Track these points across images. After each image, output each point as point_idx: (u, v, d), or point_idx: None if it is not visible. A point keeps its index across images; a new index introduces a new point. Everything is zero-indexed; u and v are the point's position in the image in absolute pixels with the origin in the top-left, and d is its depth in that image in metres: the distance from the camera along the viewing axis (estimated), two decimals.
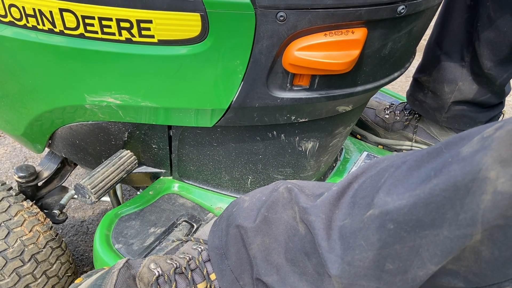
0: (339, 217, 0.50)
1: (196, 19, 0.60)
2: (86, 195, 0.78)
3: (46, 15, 0.64)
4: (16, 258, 0.86)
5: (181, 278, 0.60)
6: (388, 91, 1.48)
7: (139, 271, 0.59)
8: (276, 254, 0.55)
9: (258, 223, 0.57)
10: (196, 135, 0.82)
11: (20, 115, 0.85)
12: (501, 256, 0.40)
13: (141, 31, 0.62)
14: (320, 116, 0.79)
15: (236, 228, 0.59)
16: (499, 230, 0.39)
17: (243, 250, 0.58)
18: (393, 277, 0.45)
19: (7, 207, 0.89)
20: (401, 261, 0.44)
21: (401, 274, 0.45)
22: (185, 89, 0.69)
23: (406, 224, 0.43)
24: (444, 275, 0.44)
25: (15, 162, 1.62)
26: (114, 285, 0.57)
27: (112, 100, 0.72)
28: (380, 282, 0.46)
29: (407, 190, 0.44)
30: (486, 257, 0.41)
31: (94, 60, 0.67)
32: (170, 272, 0.59)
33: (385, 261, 0.45)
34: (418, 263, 0.43)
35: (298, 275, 0.53)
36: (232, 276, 0.58)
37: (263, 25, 0.60)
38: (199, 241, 0.65)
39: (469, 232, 0.40)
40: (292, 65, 0.65)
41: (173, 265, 0.60)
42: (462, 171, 0.40)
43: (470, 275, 0.43)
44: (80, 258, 1.27)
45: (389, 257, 0.45)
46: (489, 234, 0.39)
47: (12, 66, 0.75)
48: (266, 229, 0.56)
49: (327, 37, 0.63)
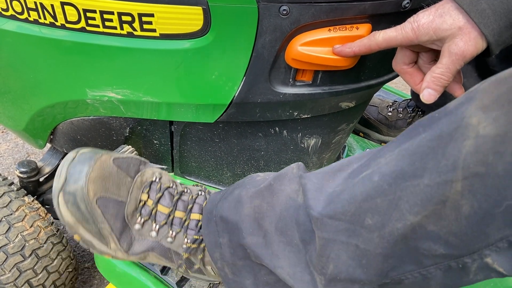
0: (331, 185, 0.51)
1: (198, 12, 0.59)
2: None
3: (48, 9, 0.63)
4: (17, 253, 0.86)
5: (169, 196, 0.62)
6: (391, 89, 1.47)
7: (145, 170, 0.63)
8: (268, 221, 0.55)
9: (262, 188, 0.58)
10: (198, 131, 0.82)
11: (22, 110, 0.84)
12: (480, 209, 0.40)
13: (143, 25, 0.62)
14: (323, 112, 0.78)
15: (239, 188, 0.60)
16: (478, 180, 0.39)
17: (234, 210, 0.58)
18: (371, 233, 0.46)
19: (8, 202, 0.89)
20: (380, 215, 0.45)
21: (379, 229, 0.45)
22: (187, 83, 0.68)
23: (389, 176, 0.44)
24: (425, 239, 0.43)
25: (18, 158, 1.62)
26: (119, 157, 0.61)
27: (113, 95, 0.72)
28: (359, 238, 0.47)
29: (397, 147, 0.46)
30: (466, 212, 0.40)
31: (95, 54, 0.67)
32: (164, 185, 0.63)
33: (365, 216, 0.46)
34: (397, 216, 0.44)
35: (283, 244, 0.53)
36: (215, 229, 0.59)
37: (265, 19, 0.59)
38: (206, 191, 0.67)
39: (450, 178, 0.40)
40: (295, 60, 0.64)
41: (171, 184, 0.64)
42: (447, 122, 0.42)
43: (451, 237, 0.42)
44: (81, 254, 1.27)
45: (369, 211, 0.45)
46: (469, 184, 0.39)
47: (13, 61, 0.75)
48: (267, 196, 0.57)
49: (331, 32, 0.62)
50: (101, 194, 0.57)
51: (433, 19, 0.54)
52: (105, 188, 0.58)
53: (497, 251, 0.41)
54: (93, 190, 0.57)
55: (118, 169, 0.60)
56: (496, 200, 0.39)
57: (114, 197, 0.59)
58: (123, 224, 0.60)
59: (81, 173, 0.56)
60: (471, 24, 0.52)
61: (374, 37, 0.59)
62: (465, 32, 0.53)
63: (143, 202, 0.61)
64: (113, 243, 0.60)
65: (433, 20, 0.54)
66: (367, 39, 0.60)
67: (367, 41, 0.60)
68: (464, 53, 0.54)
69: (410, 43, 0.57)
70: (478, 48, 0.53)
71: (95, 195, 0.57)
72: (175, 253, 0.61)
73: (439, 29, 0.54)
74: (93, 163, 0.57)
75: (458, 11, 0.53)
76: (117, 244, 0.60)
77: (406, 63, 0.64)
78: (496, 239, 0.41)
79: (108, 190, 0.58)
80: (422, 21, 0.55)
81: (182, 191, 0.64)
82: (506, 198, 0.38)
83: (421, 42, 0.57)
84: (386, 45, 0.59)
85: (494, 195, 0.39)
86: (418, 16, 0.56)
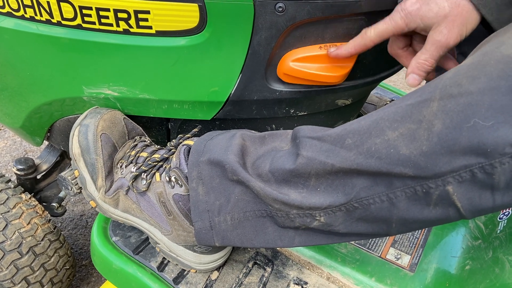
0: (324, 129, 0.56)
1: (194, 9, 0.59)
2: (69, 187, 0.78)
3: (44, 6, 0.63)
4: (14, 251, 0.86)
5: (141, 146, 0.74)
6: (388, 87, 1.48)
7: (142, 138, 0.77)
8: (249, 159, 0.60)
9: (256, 136, 0.63)
10: (195, 128, 0.82)
11: (19, 107, 0.84)
12: (451, 123, 0.43)
13: (139, 22, 0.62)
14: (319, 109, 0.78)
15: (236, 130, 0.66)
16: (452, 100, 0.43)
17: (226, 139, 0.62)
18: (349, 152, 0.50)
19: (5, 199, 0.89)
20: (360, 135, 0.49)
21: (357, 147, 0.49)
22: (183, 81, 0.68)
23: (382, 109, 0.49)
24: (396, 164, 0.46)
25: (15, 156, 1.62)
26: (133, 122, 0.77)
27: (109, 92, 0.72)
28: (336, 158, 0.50)
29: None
30: (438, 129, 0.43)
31: (91, 52, 0.67)
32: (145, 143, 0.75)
33: (346, 136, 0.50)
34: (376, 132, 0.48)
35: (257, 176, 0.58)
36: (201, 149, 0.63)
37: (261, 16, 0.59)
38: None
39: (429, 97, 0.45)
40: (287, 75, 0.66)
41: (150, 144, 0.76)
42: None
43: (421, 158, 0.45)
44: (79, 252, 1.27)
45: (351, 132, 0.50)
46: (443, 104, 0.43)
47: (10, 58, 0.75)
48: (257, 142, 0.62)
49: (322, 50, 0.65)
50: (106, 131, 0.72)
51: (420, 7, 0.56)
52: (111, 130, 0.73)
53: (459, 182, 0.44)
54: (102, 126, 0.72)
55: (124, 125, 0.75)
56: (467, 115, 0.42)
57: (113, 140, 0.73)
58: (111, 166, 0.73)
59: (98, 114, 0.73)
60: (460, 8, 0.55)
61: (366, 34, 0.61)
62: (449, 20, 0.55)
63: (128, 154, 0.73)
64: (100, 179, 0.73)
65: (420, 8, 0.56)
66: (360, 38, 0.62)
67: (360, 40, 0.62)
68: (447, 41, 0.56)
69: (401, 31, 0.59)
70: (462, 34, 0.56)
71: (102, 130, 0.72)
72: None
73: (425, 17, 0.56)
74: (109, 111, 0.74)
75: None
76: (103, 181, 0.72)
77: (401, 47, 0.66)
78: (460, 166, 0.43)
79: (112, 132, 0.73)
80: (409, 9, 0.57)
81: (154, 145, 0.75)
82: (475, 114, 0.41)
83: (410, 29, 0.59)
84: (379, 39, 0.61)
85: (465, 110, 0.42)
86: (406, 3, 0.58)
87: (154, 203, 0.68)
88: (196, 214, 0.63)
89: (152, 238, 0.74)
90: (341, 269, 0.78)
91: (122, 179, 0.71)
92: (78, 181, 0.76)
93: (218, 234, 0.63)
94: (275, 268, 0.78)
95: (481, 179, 0.43)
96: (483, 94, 0.41)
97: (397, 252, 0.83)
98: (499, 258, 0.74)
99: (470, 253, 0.81)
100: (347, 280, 0.77)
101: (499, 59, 0.42)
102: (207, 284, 0.72)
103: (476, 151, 0.42)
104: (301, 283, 0.76)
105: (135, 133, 0.77)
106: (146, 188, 0.68)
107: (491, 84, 0.41)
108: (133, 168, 0.70)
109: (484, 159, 0.42)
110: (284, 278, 0.76)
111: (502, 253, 0.74)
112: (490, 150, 0.41)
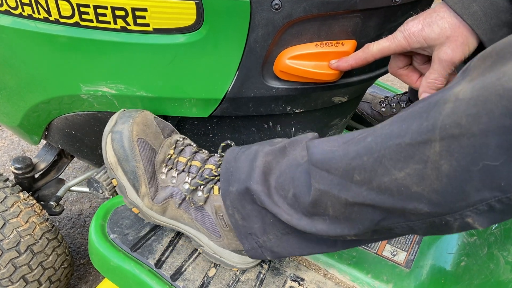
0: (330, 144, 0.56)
1: (191, 7, 0.60)
2: (100, 190, 0.75)
3: (41, 4, 0.64)
4: (12, 249, 0.86)
5: (188, 150, 0.71)
6: (383, 85, 1.48)
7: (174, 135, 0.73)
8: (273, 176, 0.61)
9: (277, 148, 0.63)
10: (192, 126, 0.82)
11: (17, 106, 0.85)
12: (459, 167, 0.42)
13: (136, 20, 0.62)
14: (316, 107, 0.79)
15: (258, 145, 0.66)
16: (454, 140, 0.41)
17: (249, 162, 0.63)
18: (360, 188, 0.50)
19: (3, 198, 0.89)
20: (366, 172, 0.49)
21: (367, 183, 0.49)
22: (180, 78, 0.69)
23: (379, 137, 0.49)
24: (410, 200, 0.47)
25: (13, 155, 1.62)
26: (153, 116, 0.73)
27: (107, 90, 0.72)
28: (348, 193, 0.51)
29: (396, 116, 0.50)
30: (446, 171, 0.43)
31: (89, 49, 0.67)
32: (186, 142, 0.73)
33: (353, 172, 0.50)
34: (382, 171, 0.47)
35: (281, 197, 0.60)
36: (230, 178, 0.64)
37: (258, 14, 0.60)
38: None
39: (429, 138, 0.43)
40: (283, 72, 0.67)
41: (191, 143, 0.73)
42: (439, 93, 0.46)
43: (434, 195, 0.45)
44: (77, 251, 1.27)
45: (356, 168, 0.50)
46: (446, 145, 0.42)
47: (8, 56, 0.75)
48: (278, 155, 0.62)
49: (318, 47, 0.65)
50: (141, 136, 0.68)
51: (423, 28, 0.58)
52: (145, 133, 0.69)
53: (477, 213, 0.44)
54: (136, 131, 0.68)
55: (156, 124, 0.72)
56: (473, 158, 0.41)
57: (150, 144, 0.69)
58: (153, 170, 0.69)
59: (129, 118, 0.69)
60: (460, 29, 0.56)
61: (369, 49, 0.63)
62: (452, 40, 0.57)
63: (169, 155, 0.70)
64: (144, 186, 0.68)
65: (423, 29, 0.58)
66: (361, 52, 0.64)
67: (362, 54, 0.64)
68: (452, 59, 0.58)
69: (403, 50, 0.61)
70: (465, 52, 0.58)
71: (137, 135, 0.68)
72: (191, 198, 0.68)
73: (428, 37, 0.58)
74: (139, 113, 0.70)
75: (445, 20, 0.57)
76: (147, 188, 0.68)
77: (401, 66, 0.68)
78: (475, 200, 0.43)
79: (147, 135, 0.69)
80: (412, 30, 0.59)
81: (200, 149, 0.72)
82: (482, 157, 0.40)
83: (413, 49, 0.61)
84: (380, 55, 0.63)
85: (471, 153, 0.41)
86: (408, 24, 0.59)
87: (209, 214, 0.68)
88: (242, 237, 0.66)
89: (195, 241, 0.74)
90: (338, 266, 0.79)
91: (173, 188, 0.69)
92: (118, 190, 0.71)
93: (267, 250, 0.66)
94: (272, 265, 0.78)
95: (500, 208, 0.43)
96: (487, 135, 0.40)
97: (393, 249, 0.84)
98: (494, 254, 0.75)
99: (465, 249, 0.82)
100: (344, 277, 0.78)
101: (500, 93, 0.39)
102: (205, 281, 0.73)
103: (490, 186, 0.41)
104: (298, 280, 0.76)
105: (168, 130, 0.74)
106: (204, 203, 0.67)
107: (495, 124, 0.39)
108: (188, 178, 0.68)
109: (499, 192, 0.41)
110: (281, 275, 0.77)
111: (497, 249, 0.75)
112: (504, 184, 0.41)
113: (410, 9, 0.68)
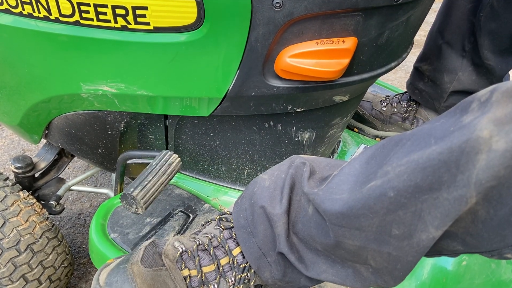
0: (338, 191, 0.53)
1: (191, 5, 0.60)
2: (133, 206, 0.72)
3: (42, 2, 0.63)
4: (12, 248, 0.86)
5: (204, 254, 0.61)
6: (385, 84, 1.48)
7: (164, 248, 0.61)
8: (294, 234, 0.58)
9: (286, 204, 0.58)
10: (193, 125, 0.82)
11: (17, 105, 0.84)
12: (496, 216, 0.41)
13: (137, 18, 0.62)
14: (317, 106, 0.79)
15: (262, 209, 0.60)
16: (493, 189, 0.39)
17: (269, 229, 0.59)
18: (401, 242, 0.47)
19: (3, 197, 0.88)
20: (405, 226, 0.46)
21: (407, 238, 0.46)
22: (181, 77, 0.68)
23: (405, 191, 0.44)
24: (443, 237, 0.45)
25: (13, 155, 1.61)
26: (141, 258, 0.59)
27: (107, 89, 0.72)
28: (389, 247, 0.48)
29: (405, 156, 0.45)
30: (482, 217, 0.41)
31: (89, 48, 0.67)
32: (193, 249, 0.61)
33: (390, 227, 0.47)
34: (422, 227, 0.44)
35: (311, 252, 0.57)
36: (259, 253, 0.60)
37: (259, 12, 0.60)
38: (220, 222, 0.65)
39: (464, 194, 0.40)
40: (284, 71, 0.67)
41: (196, 242, 0.62)
42: (458, 135, 0.41)
43: (468, 237, 0.44)
44: (77, 250, 1.27)
45: (394, 222, 0.46)
46: (484, 195, 0.40)
47: (8, 55, 0.75)
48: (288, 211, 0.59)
49: (319, 45, 0.65)
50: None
51: None
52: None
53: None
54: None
55: (151, 270, 0.59)
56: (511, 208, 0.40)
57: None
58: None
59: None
60: None
61: None
62: None
63: (189, 278, 0.60)
64: None
65: None
66: None
67: None
68: None
69: None
70: None
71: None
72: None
73: None
74: (134, 283, 0.57)
75: None
76: None
77: None
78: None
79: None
80: None
81: (209, 239, 0.62)
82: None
83: None
84: None
85: (510, 203, 0.39)
86: None
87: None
88: None
89: None
90: None
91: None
92: None
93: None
94: None
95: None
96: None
97: None
98: None
99: None
100: None
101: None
102: None
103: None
104: None
105: (155, 254, 0.61)
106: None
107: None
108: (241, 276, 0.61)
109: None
110: None
111: None
112: None
113: (411, 8, 0.68)
